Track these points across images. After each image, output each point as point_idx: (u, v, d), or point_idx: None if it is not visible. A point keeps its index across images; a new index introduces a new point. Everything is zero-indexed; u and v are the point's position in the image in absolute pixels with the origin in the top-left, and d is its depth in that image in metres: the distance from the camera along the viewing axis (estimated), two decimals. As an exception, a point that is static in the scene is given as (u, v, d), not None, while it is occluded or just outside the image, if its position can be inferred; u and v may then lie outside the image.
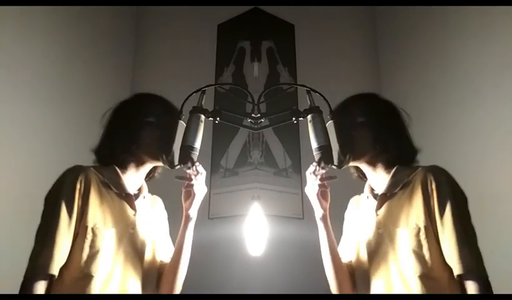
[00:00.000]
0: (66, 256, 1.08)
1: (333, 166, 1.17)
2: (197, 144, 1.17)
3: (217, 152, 2.46)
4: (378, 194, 1.22)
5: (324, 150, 1.15)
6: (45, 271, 1.03)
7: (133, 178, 1.22)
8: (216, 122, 1.25)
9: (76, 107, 2.31)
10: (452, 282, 1.08)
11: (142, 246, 1.19)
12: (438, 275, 1.09)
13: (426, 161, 1.23)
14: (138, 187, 1.26)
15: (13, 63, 2.04)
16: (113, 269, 1.12)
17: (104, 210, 1.14)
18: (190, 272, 1.26)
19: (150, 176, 1.30)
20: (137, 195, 1.25)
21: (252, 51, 2.57)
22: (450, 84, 2.34)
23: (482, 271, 1.05)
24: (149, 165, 1.24)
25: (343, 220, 1.35)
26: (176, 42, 2.82)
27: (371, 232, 1.20)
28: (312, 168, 1.22)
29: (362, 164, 1.25)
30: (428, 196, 1.13)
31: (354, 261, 1.26)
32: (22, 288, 1.03)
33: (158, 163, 1.23)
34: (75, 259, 1.08)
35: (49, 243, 1.05)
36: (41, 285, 1.03)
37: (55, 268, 1.05)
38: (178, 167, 1.17)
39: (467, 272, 1.04)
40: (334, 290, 1.25)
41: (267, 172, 2.36)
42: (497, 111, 2.03)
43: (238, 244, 1.53)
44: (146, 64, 2.87)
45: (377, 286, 1.15)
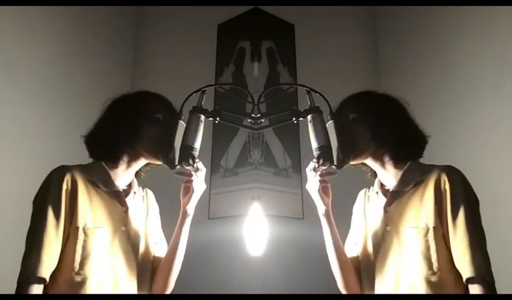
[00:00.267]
0: (56, 259, 1.06)
1: (333, 166, 1.17)
2: (197, 144, 1.17)
3: (217, 152, 2.45)
4: (388, 190, 1.21)
5: (324, 150, 1.15)
6: (34, 275, 1.02)
7: (123, 174, 1.21)
8: (216, 122, 1.25)
9: (76, 107, 2.31)
10: (458, 286, 1.07)
11: (135, 243, 1.18)
12: (443, 277, 1.07)
13: (426, 161, 1.23)
14: (128, 183, 1.24)
15: (13, 63, 2.04)
16: (107, 268, 1.10)
17: (94, 209, 1.12)
18: (190, 272, 1.26)
19: (139, 173, 1.28)
20: (128, 191, 1.23)
21: (252, 51, 2.57)
22: (450, 84, 2.34)
23: (490, 276, 1.04)
24: (143, 162, 1.23)
25: (344, 217, 1.34)
26: (176, 42, 2.82)
27: (379, 229, 1.19)
28: (312, 165, 1.22)
29: (369, 161, 1.23)
30: (441, 197, 1.11)
31: (360, 255, 1.25)
32: (17, 293, 1.02)
33: (156, 161, 1.22)
34: (68, 261, 1.07)
35: (37, 247, 1.04)
36: (34, 289, 1.01)
37: (44, 271, 1.03)
38: (178, 167, 1.17)
39: (477, 276, 1.03)
40: (340, 285, 1.25)
41: (267, 172, 2.35)
42: (497, 111, 2.03)
43: (238, 244, 1.53)
44: (146, 64, 2.87)
45: (382, 284, 1.15)
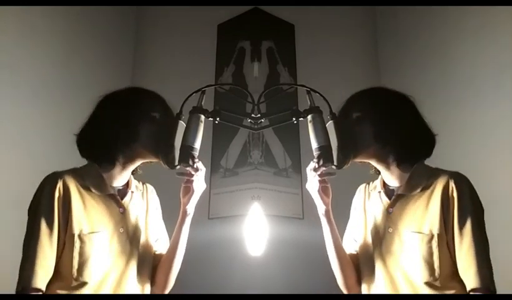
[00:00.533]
0: (52, 269, 1.05)
1: (333, 166, 1.17)
2: (197, 144, 1.17)
3: (217, 152, 2.45)
4: (392, 190, 1.19)
5: (324, 150, 1.15)
6: (29, 286, 1.00)
7: (119, 175, 1.18)
8: (216, 122, 1.25)
9: (76, 107, 2.30)
10: (458, 293, 1.06)
11: (135, 243, 1.16)
12: (444, 284, 1.06)
13: (426, 161, 1.23)
14: (124, 183, 1.21)
15: (14, 63, 2.05)
16: (107, 272, 1.09)
17: (89, 214, 1.10)
18: (190, 272, 1.26)
19: (135, 170, 1.25)
20: (124, 191, 1.20)
21: (252, 51, 2.57)
22: (450, 83, 2.34)
23: (493, 287, 1.03)
24: (140, 161, 1.20)
25: (344, 217, 1.34)
26: (176, 42, 2.82)
27: (380, 229, 1.17)
28: (312, 165, 1.20)
29: (372, 161, 1.21)
30: (448, 204, 1.09)
31: (359, 252, 1.23)
32: None
33: (155, 160, 1.19)
34: (66, 269, 1.06)
35: (31, 258, 1.02)
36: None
37: (39, 282, 1.02)
38: (178, 167, 1.17)
39: (482, 287, 1.01)
40: (340, 283, 1.25)
41: (267, 172, 2.36)
42: (497, 111, 2.04)
43: (238, 244, 1.53)
44: (146, 64, 2.87)
45: (381, 284, 1.14)
